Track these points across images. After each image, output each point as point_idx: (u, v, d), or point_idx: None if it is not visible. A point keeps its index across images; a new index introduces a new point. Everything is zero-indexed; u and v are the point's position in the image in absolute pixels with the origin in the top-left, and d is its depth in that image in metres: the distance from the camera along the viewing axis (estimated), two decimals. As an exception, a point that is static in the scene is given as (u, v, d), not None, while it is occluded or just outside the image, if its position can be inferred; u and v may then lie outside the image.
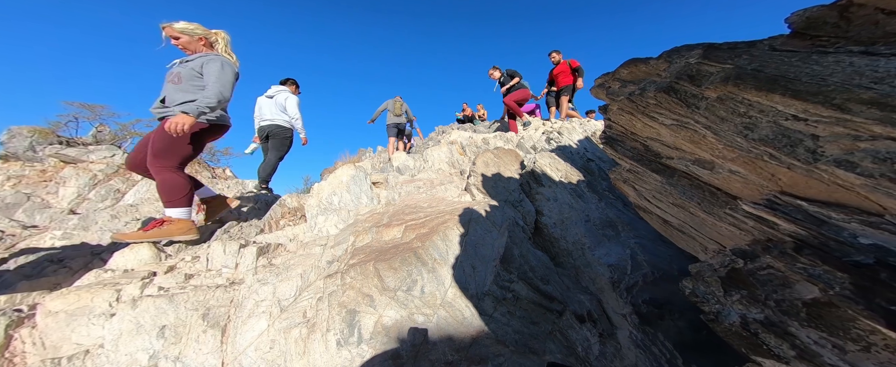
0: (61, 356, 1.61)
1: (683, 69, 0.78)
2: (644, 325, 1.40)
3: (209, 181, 3.89)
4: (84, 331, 1.70)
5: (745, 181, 0.79)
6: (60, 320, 1.72)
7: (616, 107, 1.01)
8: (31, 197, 3.16)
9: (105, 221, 2.87)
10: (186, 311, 1.72)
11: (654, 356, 1.32)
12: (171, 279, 1.93)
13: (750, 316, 0.68)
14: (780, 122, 0.65)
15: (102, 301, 1.78)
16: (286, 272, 1.86)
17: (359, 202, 2.37)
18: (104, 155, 3.75)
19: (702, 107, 0.76)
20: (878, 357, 0.56)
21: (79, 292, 1.82)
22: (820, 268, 0.60)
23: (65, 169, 3.45)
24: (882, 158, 0.54)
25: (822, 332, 0.60)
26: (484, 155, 2.47)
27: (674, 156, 0.95)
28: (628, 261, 1.56)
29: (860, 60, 0.58)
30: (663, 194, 1.03)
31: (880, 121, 0.53)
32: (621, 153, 1.13)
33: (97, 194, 3.32)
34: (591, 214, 1.89)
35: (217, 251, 2.06)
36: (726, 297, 0.72)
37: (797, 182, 0.68)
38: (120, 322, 1.65)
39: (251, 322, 1.66)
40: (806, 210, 0.67)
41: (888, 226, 0.57)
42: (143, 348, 1.58)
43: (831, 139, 0.59)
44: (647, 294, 1.45)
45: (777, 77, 0.64)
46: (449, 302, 1.55)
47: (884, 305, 0.52)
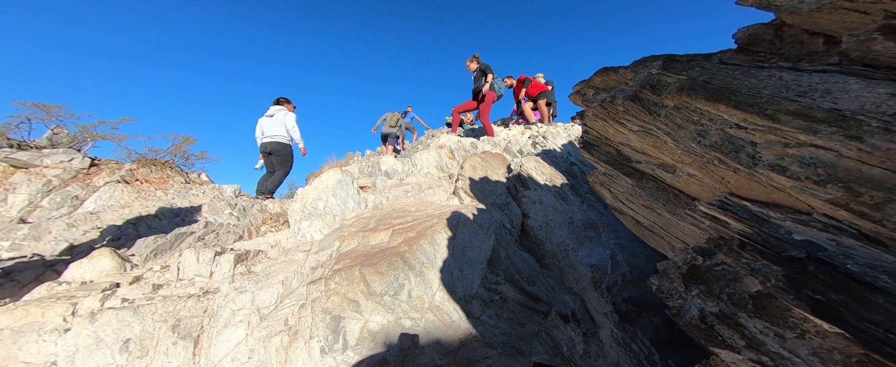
0: None
1: (646, 79, 0.87)
2: (624, 323, 1.48)
3: (183, 187, 3.70)
4: (33, 348, 1.58)
5: (701, 184, 0.89)
6: (5, 337, 1.59)
7: (591, 113, 1.10)
8: None
9: (60, 230, 2.65)
10: (154, 323, 1.63)
11: (633, 353, 1.40)
12: (137, 290, 1.83)
13: (707, 310, 0.76)
14: (726, 130, 0.74)
15: (55, 316, 1.66)
16: (266, 280, 1.81)
17: (345, 207, 2.35)
18: (61, 159, 3.48)
19: (662, 114, 0.84)
20: (812, 343, 0.64)
21: (27, 307, 1.68)
22: (760, 263, 0.69)
23: (15, 175, 3.16)
24: (807, 163, 0.63)
25: (766, 322, 0.68)
26: (471, 159, 2.53)
27: (642, 160, 1.04)
28: (609, 261, 1.65)
29: (788, 75, 0.68)
30: (634, 196, 1.12)
31: (804, 130, 0.63)
32: (597, 157, 1.21)
33: (51, 201, 3.08)
34: (575, 216, 1.98)
35: (189, 260, 1.98)
36: (687, 292, 0.80)
37: (742, 185, 0.78)
38: (76, 338, 1.55)
39: (227, 332, 1.61)
40: (750, 210, 0.76)
41: (815, 223, 0.66)
42: (103, 363, 1.49)
43: (766, 146, 0.68)
44: (626, 293, 1.54)
45: (722, 88, 0.73)
46: (437, 306, 1.57)
47: (810, 294, 0.60)
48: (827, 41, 0.69)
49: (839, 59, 0.66)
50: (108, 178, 3.33)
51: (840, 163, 0.59)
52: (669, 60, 0.83)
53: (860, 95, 0.59)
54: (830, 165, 0.60)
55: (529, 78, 4.59)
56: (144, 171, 3.58)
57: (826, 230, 0.64)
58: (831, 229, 0.63)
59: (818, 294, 0.58)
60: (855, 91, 0.59)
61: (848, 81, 0.61)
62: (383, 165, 2.80)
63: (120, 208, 2.97)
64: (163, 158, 4.05)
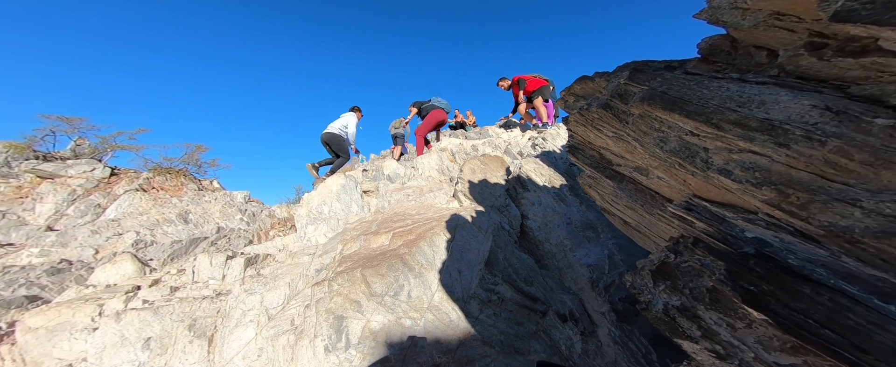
0: None
1: (616, 88, 1.00)
2: (621, 322, 1.59)
3: (197, 194, 4.05)
4: (66, 346, 1.85)
5: (670, 186, 1.01)
6: (41, 336, 1.87)
7: (572, 119, 1.23)
8: (7, 214, 3.30)
9: (85, 236, 3.01)
10: (172, 322, 1.88)
11: (631, 351, 1.50)
12: (156, 292, 2.09)
13: (670, 303, 0.87)
14: (683, 137, 0.86)
15: (84, 316, 1.93)
16: (274, 282, 2.03)
17: (349, 211, 2.56)
18: (84, 169, 3.91)
19: (630, 122, 0.97)
20: (757, 332, 0.75)
21: (59, 308, 1.97)
22: (708, 258, 0.80)
23: (42, 185, 3.60)
24: (747, 167, 0.76)
25: (720, 313, 0.80)
26: (471, 162, 2.68)
27: (621, 163, 1.17)
28: (606, 261, 1.76)
29: (734, 86, 0.80)
30: (617, 197, 1.24)
31: (743, 137, 0.75)
32: (582, 161, 1.35)
33: (76, 209, 3.47)
34: (573, 217, 2.10)
35: (203, 264, 2.23)
36: (655, 288, 0.91)
37: (701, 187, 0.90)
38: (103, 336, 1.81)
39: (238, 331, 1.83)
40: (710, 210, 0.88)
41: (760, 222, 0.78)
42: (128, 360, 1.74)
43: (716, 151, 0.80)
44: (623, 293, 1.64)
45: (677, 99, 0.85)
46: (436, 306, 1.73)
47: (745, 285, 0.72)
48: (769, 54, 0.81)
49: (777, 72, 0.78)
50: (128, 186, 3.72)
51: (773, 167, 0.71)
52: (635, 71, 0.96)
53: (788, 106, 0.71)
54: (765, 169, 0.72)
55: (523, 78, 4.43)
56: (160, 179, 3.96)
57: (769, 228, 0.76)
58: (773, 227, 0.75)
59: (752, 285, 0.71)
60: (784, 102, 0.71)
61: (779, 93, 0.73)
62: (386, 169, 3.00)
63: (139, 214, 3.33)
64: (177, 167, 4.45)
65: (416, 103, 4.28)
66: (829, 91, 0.73)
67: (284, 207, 3.61)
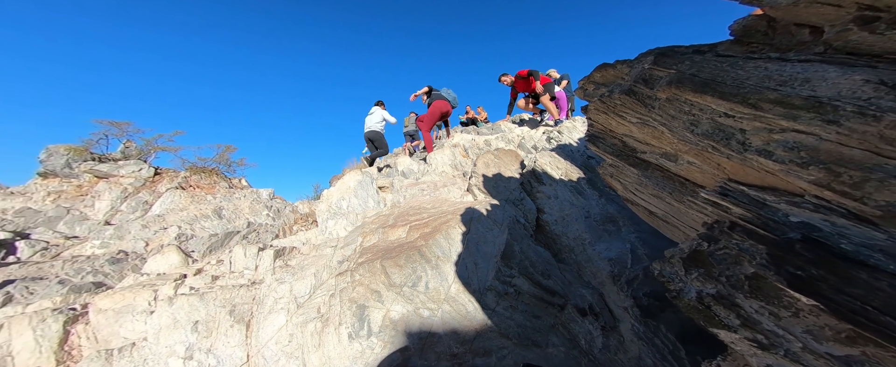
0: (112, 348, 1.96)
1: (640, 74, 0.96)
2: (646, 317, 1.53)
3: (228, 191, 4.36)
4: (130, 326, 2.05)
5: (701, 171, 0.95)
6: (109, 316, 2.09)
7: (593, 107, 1.20)
8: (71, 210, 3.71)
9: (137, 230, 3.34)
10: (215, 308, 2.03)
11: (656, 347, 1.44)
12: (200, 281, 2.27)
13: (704, 291, 0.83)
14: (716, 119, 0.82)
15: (143, 300, 2.13)
16: (301, 272, 2.14)
17: (366, 206, 2.63)
18: (132, 169, 4.33)
19: (656, 106, 0.93)
20: (805, 322, 0.70)
21: (123, 293, 2.19)
22: (747, 242, 0.75)
23: (99, 184, 4.03)
24: (790, 147, 0.71)
25: (761, 302, 0.75)
26: (484, 156, 2.67)
27: (646, 150, 1.12)
28: (628, 255, 1.69)
29: (773, 66, 0.75)
30: (642, 186, 1.19)
31: (784, 116, 0.70)
32: (603, 149, 1.30)
33: (128, 205, 3.85)
34: (592, 210, 2.03)
35: (238, 255, 2.39)
36: (687, 275, 0.87)
37: (737, 170, 0.84)
38: (159, 318, 1.98)
39: (271, 318, 1.94)
40: (748, 194, 0.83)
41: (808, 205, 0.72)
42: (180, 340, 1.90)
43: (754, 133, 0.75)
44: (647, 287, 1.58)
45: (709, 81, 0.81)
46: (452, 297, 1.74)
47: (791, 270, 0.67)
48: (812, 32, 0.74)
49: (823, 49, 0.72)
50: (169, 185, 4.11)
51: (821, 146, 0.66)
52: (661, 55, 0.92)
53: (837, 82, 0.65)
54: (812, 148, 0.67)
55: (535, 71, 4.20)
56: (196, 178, 4.33)
57: (818, 211, 0.70)
58: (822, 210, 0.70)
59: (799, 270, 0.66)
60: (832, 79, 0.66)
61: (826, 70, 0.68)
62: (400, 165, 3.06)
63: (179, 210, 3.65)
64: (210, 166, 4.84)
65: (429, 88, 4.23)
66: (884, 65, 0.66)
67: (306, 203, 3.81)
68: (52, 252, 3.26)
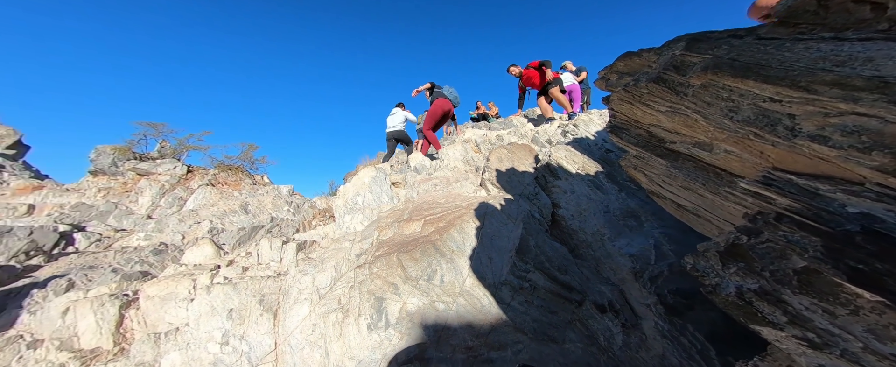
0: (159, 332, 2.14)
1: (670, 60, 0.90)
2: (671, 316, 1.45)
3: (252, 188, 4.61)
4: (173, 312, 2.23)
5: (741, 160, 0.88)
6: (156, 303, 2.28)
7: (616, 97, 1.14)
8: (118, 205, 4.07)
9: (174, 224, 3.62)
10: (246, 297, 2.15)
11: (683, 346, 1.37)
12: (232, 271, 2.41)
13: (745, 286, 0.77)
14: (759, 104, 0.75)
15: (183, 288, 2.30)
16: (322, 264, 2.22)
17: (380, 201, 2.68)
18: (168, 167, 4.69)
19: (689, 94, 0.87)
20: (867, 320, 0.64)
21: (166, 281, 2.37)
22: (797, 234, 0.69)
23: (140, 181, 4.39)
24: (849, 131, 0.63)
25: (813, 298, 0.69)
26: (497, 151, 2.62)
27: (676, 140, 1.05)
28: (652, 251, 1.61)
29: (827, 46, 0.67)
30: (671, 177, 1.12)
31: (843, 99, 0.63)
32: (627, 141, 1.24)
33: (166, 201, 4.18)
34: (611, 204, 1.95)
35: (265, 248, 2.51)
36: (724, 270, 0.81)
37: (784, 158, 0.77)
38: (198, 305, 2.13)
39: (296, 308, 2.03)
40: (797, 184, 0.75)
41: (869, 194, 0.65)
42: (217, 327, 2.04)
43: (805, 117, 0.68)
44: (673, 285, 1.50)
45: (751, 64, 0.74)
46: (467, 291, 1.74)
47: (851, 264, 0.60)
48: (874, 8, 0.66)
49: (888, 26, 0.63)
50: (200, 181, 4.42)
51: (886, 129, 0.59)
52: (693, 41, 0.86)
53: (909, 57, 0.57)
54: (876, 131, 0.60)
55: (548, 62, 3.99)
56: (224, 175, 4.65)
57: (881, 200, 0.63)
58: (886, 199, 0.62)
59: (860, 264, 0.59)
60: (903, 53, 0.58)
61: (893, 48, 0.60)
62: (412, 161, 3.08)
63: (210, 206, 3.91)
64: (236, 164, 5.15)
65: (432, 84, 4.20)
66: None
67: (323, 198, 3.97)
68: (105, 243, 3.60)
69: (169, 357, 1.96)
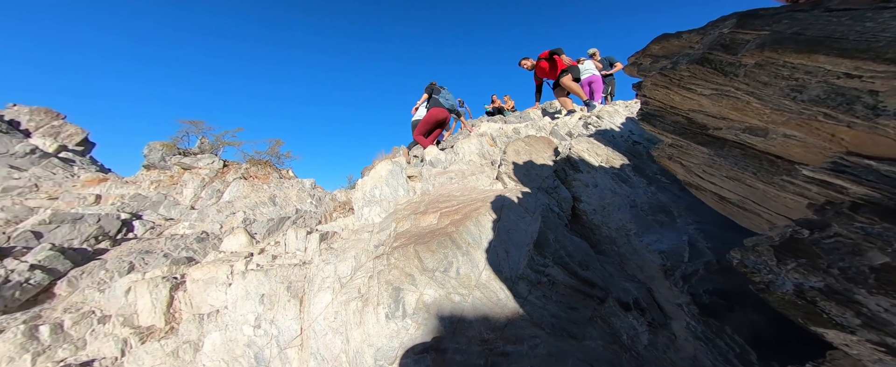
0: (202, 313, 2.37)
1: (717, 40, 0.79)
2: (706, 317, 1.34)
3: (279, 181, 4.92)
4: (214, 295, 2.45)
5: (804, 145, 0.76)
6: (200, 286, 2.51)
7: (649, 82, 1.04)
8: (167, 197, 4.53)
9: (213, 214, 3.97)
10: (276, 283, 2.30)
11: (719, 349, 1.26)
12: (263, 259, 2.59)
13: (807, 284, 0.68)
14: (832, 81, 0.64)
15: (222, 274, 2.51)
16: (343, 254, 2.30)
17: (397, 194, 2.72)
18: (207, 162, 5.14)
19: (740, 74, 0.76)
20: None
21: (208, 267, 2.60)
22: (878, 226, 0.58)
23: (184, 174, 4.85)
24: (956, 107, 0.52)
25: (895, 299, 0.59)
26: (515, 143, 2.54)
27: (721, 126, 0.94)
28: (686, 248, 1.49)
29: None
30: (714, 167, 1.01)
31: (950, 66, 0.51)
32: (661, 128, 1.13)
33: (206, 193, 4.58)
34: (639, 199, 1.82)
35: (291, 237, 2.66)
36: (780, 266, 0.72)
37: (862, 141, 0.65)
38: (235, 290, 2.32)
39: (320, 296, 2.14)
40: (877, 170, 0.64)
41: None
42: (251, 310, 2.20)
43: (891, 93, 0.57)
44: (710, 284, 1.38)
45: (821, 38, 0.63)
46: (483, 284, 1.73)
47: None
48: None
49: None
50: (235, 175, 4.83)
51: None
52: (745, 17, 0.75)
53: None
54: None
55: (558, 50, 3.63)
56: (254, 169, 5.04)
57: None
58: None
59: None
60: None
61: None
62: (427, 155, 3.08)
63: (243, 198, 4.24)
64: (264, 159, 5.57)
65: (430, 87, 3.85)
66: None
67: (342, 192, 4.13)
68: (157, 231, 4.02)
69: (211, 338, 2.15)
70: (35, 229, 3.39)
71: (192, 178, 4.73)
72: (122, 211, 4.07)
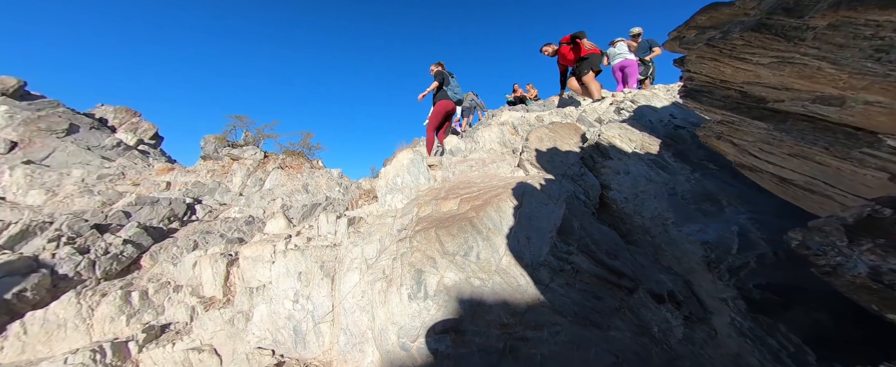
0: (252, 287, 2.71)
1: (778, 3, 0.69)
2: (756, 313, 1.22)
3: (310, 171, 5.37)
4: (261, 272, 2.78)
5: (890, 112, 0.65)
6: (250, 263, 2.87)
7: (694, 56, 0.94)
8: (220, 184, 5.17)
9: (257, 201, 4.47)
10: (311, 263, 2.54)
11: (769, 348, 1.15)
12: (300, 240, 2.87)
13: (885, 267, 0.59)
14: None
15: (267, 253, 2.83)
16: (369, 237, 2.46)
17: (418, 182, 2.81)
18: (250, 153, 5.78)
19: (808, 38, 0.66)
20: None
21: (255, 246, 2.95)
22: None
23: (233, 164, 5.51)
24: None
25: None
26: (538, 130, 2.45)
27: (784, 98, 0.83)
28: (734, 239, 1.35)
29: None
30: (772, 144, 0.90)
31: None
32: (710, 105, 1.02)
33: (251, 181, 5.15)
34: (679, 186, 1.66)
35: (323, 221, 2.90)
36: (852, 247, 0.63)
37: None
38: (278, 267, 2.60)
39: (348, 275, 2.32)
40: None
41: None
42: (290, 286, 2.47)
43: None
44: (763, 278, 1.25)
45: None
46: (503, 269, 1.74)
47: None
48: None
49: None
50: (273, 165, 5.40)
51: None
52: None
53: None
54: None
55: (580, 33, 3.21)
56: (289, 159, 5.60)
57: None
58: None
59: None
60: None
61: None
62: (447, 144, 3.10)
63: (281, 186, 4.72)
64: (297, 150, 6.16)
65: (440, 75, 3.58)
66: None
67: (367, 180, 4.40)
68: (214, 214, 4.63)
69: (259, 309, 2.46)
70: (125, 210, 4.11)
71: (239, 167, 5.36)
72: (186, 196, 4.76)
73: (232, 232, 3.83)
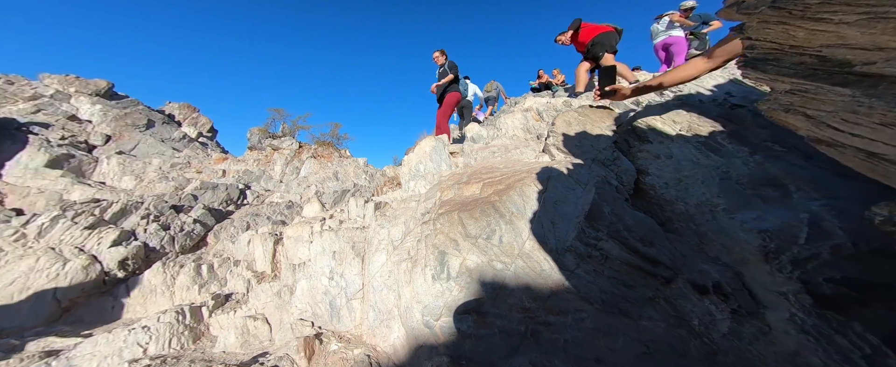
0: (295, 264, 3.05)
1: None
2: (823, 309, 1.08)
3: (339, 160, 5.80)
4: (302, 250, 3.11)
5: None
6: (292, 242, 3.21)
7: (756, 21, 0.81)
8: (264, 172, 5.80)
9: (294, 187, 4.97)
10: (343, 243, 2.77)
11: (838, 347, 1.02)
12: (333, 223, 3.13)
13: None
14: None
15: (306, 233, 3.15)
16: (394, 221, 2.60)
17: (440, 169, 2.86)
18: (288, 144, 6.40)
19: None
20: None
21: (296, 227, 3.29)
22: None
23: (274, 154, 6.16)
24: None
25: None
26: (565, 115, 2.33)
27: (875, 59, 0.69)
28: (802, 228, 1.18)
29: None
30: (859, 112, 0.76)
31: None
32: (778, 73, 0.89)
33: (289, 169, 5.72)
34: (734, 170, 1.48)
35: (353, 206, 3.12)
36: None
37: None
38: (315, 246, 2.88)
39: (376, 256, 2.49)
40: None
41: None
42: (326, 264, 2.73)
43: None
44: (837, 271, 1.09)
45: None
46: (526, 253, 1.74)
47: None
48: None
49: None
50: (307, 155, 5.96)
51: None
52: None
53: None
54: None
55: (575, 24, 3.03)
56: (321, 149, 6.12)
57: None
58: None
59: None
60: None
61: None
62: (468, 131, 3.09)
63: (314, 174, 5.19)
64: (327, 140, 6.70)
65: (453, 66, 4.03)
66: None
67: (391, 168, 4.65)
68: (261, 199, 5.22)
69: (300, 284, 2.76)
70: (193, 193, 4.83)
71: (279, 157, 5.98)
72: (238, 182, 5.44)
73: (276, 215, 4.33)
